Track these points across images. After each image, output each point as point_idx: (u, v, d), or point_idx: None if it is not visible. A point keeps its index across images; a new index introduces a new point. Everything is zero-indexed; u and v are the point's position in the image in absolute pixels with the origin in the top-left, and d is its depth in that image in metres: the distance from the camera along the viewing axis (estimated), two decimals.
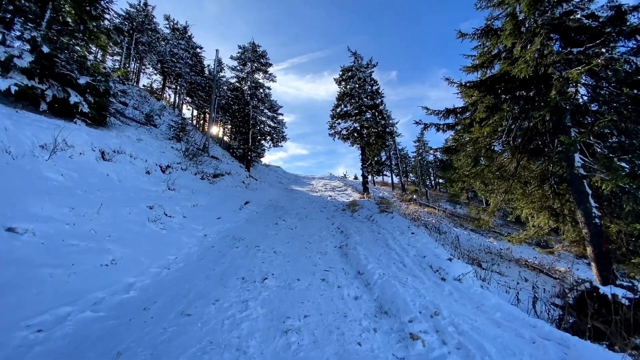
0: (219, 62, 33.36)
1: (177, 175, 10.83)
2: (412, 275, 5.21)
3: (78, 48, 10.01)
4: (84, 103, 9.21)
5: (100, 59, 27.05)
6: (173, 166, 11.36)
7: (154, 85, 35.03)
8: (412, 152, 56.64)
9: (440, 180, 58.29)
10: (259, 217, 10.56)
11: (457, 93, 10.20)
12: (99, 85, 9.30)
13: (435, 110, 9.77)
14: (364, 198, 18.02)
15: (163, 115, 20.12)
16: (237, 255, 6.04)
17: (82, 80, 9.17)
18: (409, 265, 5.66)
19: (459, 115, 9.56)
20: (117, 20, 24.92)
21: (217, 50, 17.67)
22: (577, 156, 7.72)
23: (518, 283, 6.28)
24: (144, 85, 34.38)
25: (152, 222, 6.45)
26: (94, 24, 10.00)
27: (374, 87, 22.94)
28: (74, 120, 9.23)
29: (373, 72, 23.44)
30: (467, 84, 9.43)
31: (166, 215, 7.35)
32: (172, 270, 5.02)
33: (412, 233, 7.68)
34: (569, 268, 9.31)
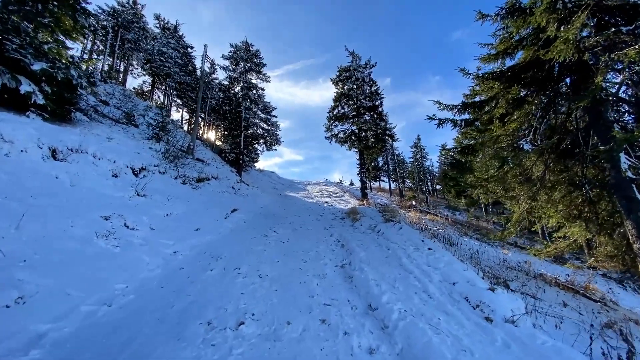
0: (210, 63, 32.13)
1: (152, 179, 9.41)
2: (443, 312, 3.86)
3: (40, 35, 8.60)
4: (38, 93, 7.80)
5: (86, 57, 25.60)
6: (149, 169, 9.93)
7: (144, 88, 33.57)
8: (409, 158, 55.91)
9: (438, 187, 57.34)
10: (247, 228, 9.16)
11: (474, 85, 9.04)
12: (57, 73, 7.90)
13: (449, 105, 8.54)
14: (363, 205, 16.71)
15: (148, 115, 18.72)
16: (210, 281, 4.64)
17: (37, 67, 7.78)
18: (435, 296, 4.30)
19: (477, 110, 8.34)
20: (102, 17, 23.61)
21: (205, 46, 16.38)
22: (622, 156, 6.50)
23: (583, 323, 4.94)
24: (134, 88, 32.88)
25: (103, 237, 5.03)
26: (55, 2, 8.63)
27: (373, 88, 21.79)
28: (27, 113, 7.81)
29: (371, 72, 22.32)
30: (486, 75, 8.23)
31: (127, 227, 5.93)
32: (114, 307, 3.61)
33: (429, 249, 6.35)
34: (610, 289, 8.04)
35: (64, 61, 8.74)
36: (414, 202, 32.51)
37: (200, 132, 31.13)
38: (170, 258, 5.51)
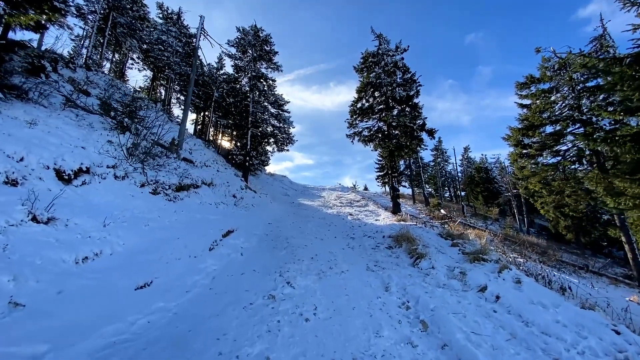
0: (218, 58, 29.01)
1: (97, 187, 5.90)
2: None
3: None
4: None
5: (89, 52, 22.70)
6: (96, 171, 6.41)
7: (150, 86, 30.61)
8: (430, 162, 51.85)
9: (462, 193, 52.44)
10: (242, 271, 5.48)
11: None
12: None
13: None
14: (403, 220, 12.86)
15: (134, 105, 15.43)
16: None
17: None
18: None
19: None
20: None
21: (201, 17, 12.96)
22: None
23: None
24: (140, 87, 29.92)
25: None
26: None
27: (407, 75, 17.92)
28: None
29: (403, 57, 18.45)
30: None
31: None
32: None
33: None
34: None
35: None
36: (442, 211, 28.37)
37: (207, 133, 27.85)
38: None
